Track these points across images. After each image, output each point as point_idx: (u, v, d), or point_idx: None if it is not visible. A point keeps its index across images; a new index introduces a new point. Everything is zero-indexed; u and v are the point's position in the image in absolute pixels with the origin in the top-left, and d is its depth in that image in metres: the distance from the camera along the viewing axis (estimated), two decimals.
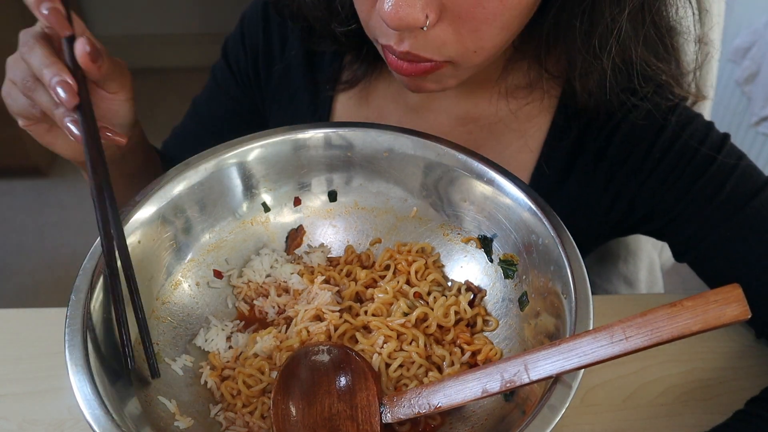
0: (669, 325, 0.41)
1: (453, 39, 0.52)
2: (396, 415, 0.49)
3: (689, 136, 0.64)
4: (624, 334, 0.41)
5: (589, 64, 0.58)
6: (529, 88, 0.67)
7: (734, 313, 0.39)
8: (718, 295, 0.40)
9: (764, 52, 1.56)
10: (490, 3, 0.49)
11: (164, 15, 2.56)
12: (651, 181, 0.65)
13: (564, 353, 0.43)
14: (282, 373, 0.51)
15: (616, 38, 0.55)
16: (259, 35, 0.77)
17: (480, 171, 0.58)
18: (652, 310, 0.41)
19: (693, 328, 0.40)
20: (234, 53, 0.80)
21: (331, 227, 0.65)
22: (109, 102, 0.57)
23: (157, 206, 0.56)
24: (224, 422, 0.52)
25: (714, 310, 0.40)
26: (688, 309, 0.40)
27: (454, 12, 0.49)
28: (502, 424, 0.48)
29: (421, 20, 0.48)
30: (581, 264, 0.49)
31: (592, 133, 0.67)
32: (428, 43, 0.52)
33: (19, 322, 0.69)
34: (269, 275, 0.61)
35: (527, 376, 0.44)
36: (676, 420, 0.61)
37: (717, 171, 0.63)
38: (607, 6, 0.53)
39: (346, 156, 0.62)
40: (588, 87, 0.61)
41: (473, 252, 0.60)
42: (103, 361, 0.46)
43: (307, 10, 0.67)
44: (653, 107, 0.63)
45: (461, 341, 0.56)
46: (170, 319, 0.56)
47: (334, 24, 0.66)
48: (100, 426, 0.41)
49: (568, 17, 0.55)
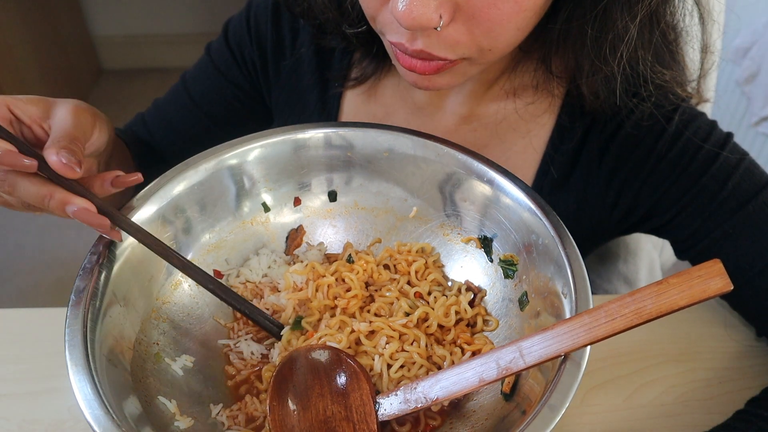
0: (657, 302, 0.43)
1: (467, 39, 0.51)
2: (392, 412, 0.49)
3: (692, 134, 0.64)
4: (615, 313, 0.43)
5: (597, 68, 0.58)
6: (534, 88, 0.68)
7: (717, 286, 0.42)
8: (701, 270, 0.42)
9: (764, 52, 1.56)
10: (505, 5, 0.48)
11: (164, 15, 2.56)
12: (654, 178, 0.65)
13: (558, 336, 0.44)
14: (275, 379, 0.51)
15: (627, 45, 0.55)
16: (268, 27, 0.77)
17: (480, 171, 0.58)
18: (639, 290, 0.43)
19: (680, 302, 0.42)
20: (237, 38, 0.79)
21: (331, 227, 0.65)
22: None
23: (157, 206, 0.56)
24: (225, 422, 0.52)
25: (698, 285, 0.42)
26: (674, 285, 0.42)
27: (468, 12, 0.49)
28: (502, 424, 0.48)
29: (434, 21, 0.48)
30: (581, 264, 0.49)
31: (595, 132, 0.67)
32: (441, 42, 0.51)
33: (19, 322, 0.69)
34: (266, 275, 0.61)
35: (523, 361, 0.45)
36: (676, 420, 0.61)
37: (720, 168, 0.63)
38: (619, 12, 0.53)
39: (346, 156, 0.62)
40: (595, 90, 0.61)
41: (473, 252, 0.60)
42: (103, 361, 0.46)
43: (318, 9, 0.67)
44: (656, 108, 0.63)
45: (462, 341, 0.56)
46: (170, 319, 0.56)
47: (344, 25, 0.66)
48: (100, 426, 0.41)
49: (579, 22, 0.55)
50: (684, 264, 0.70)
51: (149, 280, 0.55)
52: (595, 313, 0.44)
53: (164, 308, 0.56)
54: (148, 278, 0.55)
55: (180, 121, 0.82)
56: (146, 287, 0.55)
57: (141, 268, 0.54)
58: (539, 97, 0.68)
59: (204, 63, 0.82)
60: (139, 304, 0.54)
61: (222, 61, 0.80)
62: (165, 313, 0.56)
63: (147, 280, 0.55)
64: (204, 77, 0.82)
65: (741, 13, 1.59)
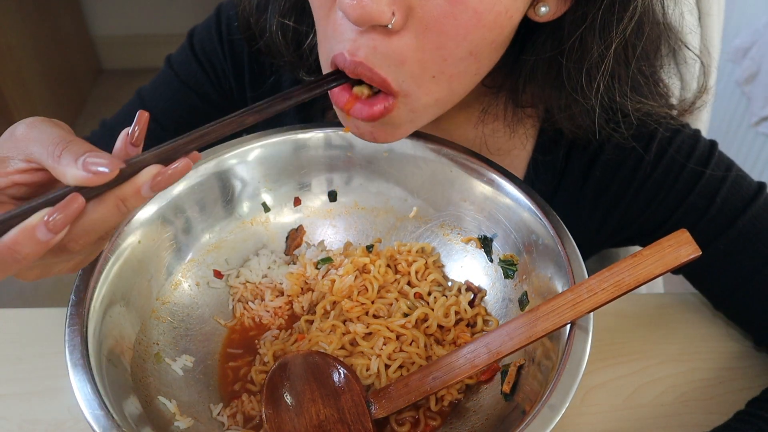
0: (634, 273, 0.45)
1: (413, 56, 0.46)
2: (386, 409, 0.49)
3: (675, 151, 0.62)
4: (597, 287, 0.46)
5: (573, 100, 0.56)
6: (507, 125, 0.64)
7: (688, 253, 0.45)
8: (671, 240, 0.46)
9: (764, 52, 1.56)
10: (463, 15, 0.44)
11: (164, 15, 2.57)
12: (640, 198, 0.64)
13: (544, 315, 0.46)
14: (267, 388, 0.51)
15: (602, 75, 0.52)
16: (244, 51, 0.72)
17: (480, 171, 0.58)
18: (616, 264, 0.46)
19: (655, 271, 0.45)
20: (206, 48, 0.74)
21: (331, 227, 0.65)
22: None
23: (157, 206, 0.56)
24: (226, 422, 0.52)
25: (670, 254, 0.45)
26: (647, 257, 0.46)
27: (422, 21, 0.45)
28: (502, 424, 0.48)
29: (386, 15, 0.43)
30: (581, 264, 0.50)
31: (575, 157, 0.66)
32: (386, 56, 0.46)
33: (19, 322, 0.69)
34: (266, 275, 0.61)
35: (512, 342, 0.47)
36: (676, 420, 0.61)
37: (706, 184, 0.62)
38: (595, 41, 0.50)
39: (346, 156, 0.62)
40: (574, 121, 0.59)
41: (473, 252, 0.60)
42: (103, 361, 0.46)
43: (275, 50, 0.64)
44: (637, 129, 0.61)
45: (461, 341, 0.56)
46: (170, 319, 0.56)
47: (301, 72, 0.63)
48: (100, 426, 0.42)
49: (554, 53, 0.53)
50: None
51: (149, 280, 0.55)
52: (577, 290, 0.46)
53: (164, 308, 0.56)
54: (148, 278, 0.55)
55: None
56: (146, 287, 0.55)
57: (141, 268, 0.54)
58: (514, 131, 0.64)
59: (165, 77, 0.76)
60: (139, 304, 0.54)
61: (187, 73, 0.74)
62: (165, 313, 0.56)
63: (147, 280, 0.55)
64: (166, 91, 0.76)
65: (741, 13, 1.59)
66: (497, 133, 0.65)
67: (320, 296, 0.59)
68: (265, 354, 0.56)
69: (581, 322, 0.46)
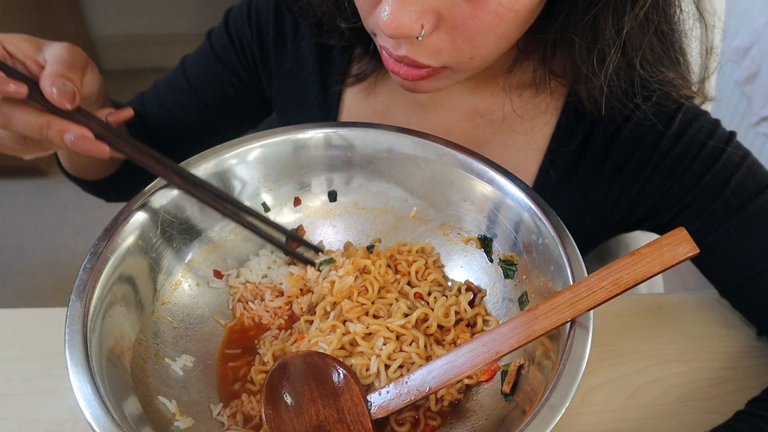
0: (632, 271, 0.45)
1: (449, 47, 0.52)
2: (386, 409, 0.49)
3: (696, 131, 0.64)
4: (595, 286, 0.46)
5: (588, 76, 0.58)
6: (534, 87, 0.68)
7: (685, 251, 0.45)
8: (669, 238, 0.45)
9: (764, 52, 1.56)
10: (486, 17, 0.49)
11: (164, 15, 2.56)
12: (656, 176, 0.65)
13: (544, 314, 0.46)
14: (266, 388, 0.51)
15: (616, 53, 0.55)
16: (270, 19, 0.77)
17: (480, 171, 0.58)
18: (614, 262, 0.46)
19: (653, 270, 0.45)
20: (237, 27, 0.79)
21: (331, 227, 0.65)
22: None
23: (157, 206, 0.56)
24: (226, 422, 0.52)
25: (668, 252, 0.45)
26: (645, 255, 0.45)
27: (450, 23, 0.50)
28: (502, 424, 0.48)
29: (416, 30, 0.49)
30: (581, 264, 0.50)
31: (598, 131, 0.67)
32: (424, 50, 0.53)
33: (19, 322, 0.69)
34: (266, 276, 0.61)
35: (512, 341, 0.47)
36: (676, 420, 0.61)
37: (723, 166, 0.63)
38: (608, 23, 0.53)
39: (346, 156, 0.62)
40: (592, 95, 0.61)
41: (473, 252, 0.60)
42: (103, 361, 0.46)
43: (315, 5, 0.68)
44: (659, 107, 0.63)
45: (461, 341, 0.56)
46: (170, 319, 0.56)
47: (339, 20, 0.67)
48: (100, 426, 0.41)
49: (569, 31, 0.56)
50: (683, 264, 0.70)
51: (149, 280, 0.55)
52: (576, 288, 0.46)
53: (164, 308, 0.56)
54: (148, 278, 0.55)
55: (174, 102, 0.82)
56: (146, 287, 0.55)
57: (141, 268, 0.54)
58: (540, 96, 0.68)
59: (204, 48, 0.82)
60: (139, 304, 0.54)
61: (221, 48, 0.81)
62: (165, 313, 0.56)
63: (147, 280, 0.55)
64: (202, 62, 0.82)
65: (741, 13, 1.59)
66: (524, 97, 0.69)
67: (320, 297, 0.59)
68: (265, 354, 0.56)
69: (582, 320, 0.46)
